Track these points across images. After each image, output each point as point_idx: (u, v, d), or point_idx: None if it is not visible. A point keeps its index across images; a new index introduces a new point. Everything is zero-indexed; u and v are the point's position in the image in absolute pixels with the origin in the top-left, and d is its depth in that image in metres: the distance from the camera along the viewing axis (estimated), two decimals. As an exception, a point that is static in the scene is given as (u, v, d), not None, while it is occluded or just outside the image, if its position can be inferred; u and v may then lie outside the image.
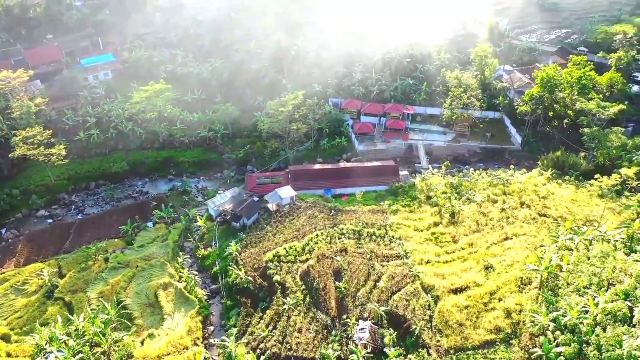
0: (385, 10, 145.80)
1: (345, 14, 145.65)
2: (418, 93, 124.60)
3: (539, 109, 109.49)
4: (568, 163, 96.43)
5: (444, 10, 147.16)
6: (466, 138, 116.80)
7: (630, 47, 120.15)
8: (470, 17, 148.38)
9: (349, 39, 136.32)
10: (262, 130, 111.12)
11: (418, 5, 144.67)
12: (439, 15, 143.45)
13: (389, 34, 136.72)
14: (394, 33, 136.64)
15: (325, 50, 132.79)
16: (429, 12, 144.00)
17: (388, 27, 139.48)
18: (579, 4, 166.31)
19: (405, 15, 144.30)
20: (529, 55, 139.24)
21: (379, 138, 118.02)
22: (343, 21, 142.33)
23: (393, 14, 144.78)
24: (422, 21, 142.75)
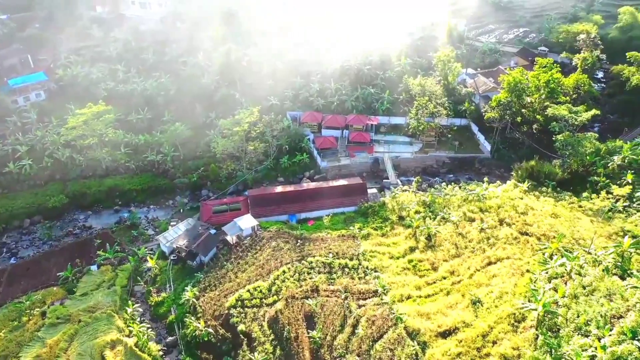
0: (341, 16, 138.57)
1: (300, 21, 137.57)
2: (380, 102, 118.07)
3: (506, 114, 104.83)
4: (543, 172, 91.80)
5: (401, 14, 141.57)
6: (434, 148, 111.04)
7: (594, 47, 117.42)
8: (427, 19, 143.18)
9: (304, 48, 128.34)
10: (216, 151, 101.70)
11: (374, 10, 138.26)
12: (396, 20, 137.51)
13: (346, 40, 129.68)
14: (351, 40, 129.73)
15: (280, 60, 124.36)
16: (386, 17, 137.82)
17: (345, 33, 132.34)
18: (533, 1, 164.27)
19: (362, 20, 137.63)
20: (490, 57, 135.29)
21: (342, 152, 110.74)
22: (297, 29, 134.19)
23: (349, 20, 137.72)
24: (379, 26, 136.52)
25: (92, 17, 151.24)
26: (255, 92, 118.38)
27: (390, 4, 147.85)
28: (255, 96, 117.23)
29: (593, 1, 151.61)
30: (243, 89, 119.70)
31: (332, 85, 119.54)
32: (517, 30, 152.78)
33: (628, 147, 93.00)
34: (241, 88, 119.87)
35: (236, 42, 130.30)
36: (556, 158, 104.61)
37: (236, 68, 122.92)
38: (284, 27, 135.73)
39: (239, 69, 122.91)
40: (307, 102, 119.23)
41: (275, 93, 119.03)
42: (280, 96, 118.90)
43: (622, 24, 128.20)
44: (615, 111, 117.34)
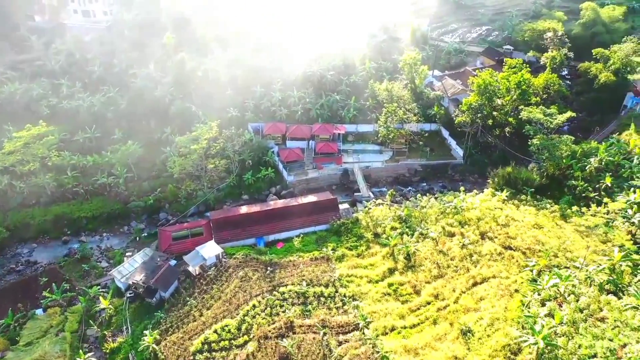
0: (302, 19, 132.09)
1: (258, 26, 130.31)
2: (347, 109, 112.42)
3: (477, 118, 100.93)
4: (521, 179, 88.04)
5: (363, 16, 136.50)
6: (405, 156, 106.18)
7: (561, 45, 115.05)
8: (390, 20, 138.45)
9: (263, 54, 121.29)
10: (173, 171, 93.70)
11: (335, 13, 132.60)
12: (358, 22, 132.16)
13: (307, 45, 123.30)
14: (313, 44, 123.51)
15: (239, 69, 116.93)
16: (348, 19, 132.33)
17: (305, 37, 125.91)
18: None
19: (323, 23, 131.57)
20: (456, 58, 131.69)
21: (309, 165, 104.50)
22: (256, 34, 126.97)
23: (310, 24, 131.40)
24: (341, 29, 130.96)
25: (30, 27, 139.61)
26: (214, 104, 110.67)
27: (352, 5, 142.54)
28: (213, 108, 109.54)
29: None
30: (200, 100, 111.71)
31: (295, 93, 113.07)
32: (480, 29, 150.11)
33: (604, 148, 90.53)
34: (198, 100, 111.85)
35: (191, 51, 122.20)
36: (530, 161, 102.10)
37: (192, 78, 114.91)
38: (241, 32, 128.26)
39: (195, 79, 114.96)
40: (270, 112, 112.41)
41: (235, 104, 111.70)
42: (241, 107, 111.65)
43: (584, 20, 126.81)
44: (583, 109, 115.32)
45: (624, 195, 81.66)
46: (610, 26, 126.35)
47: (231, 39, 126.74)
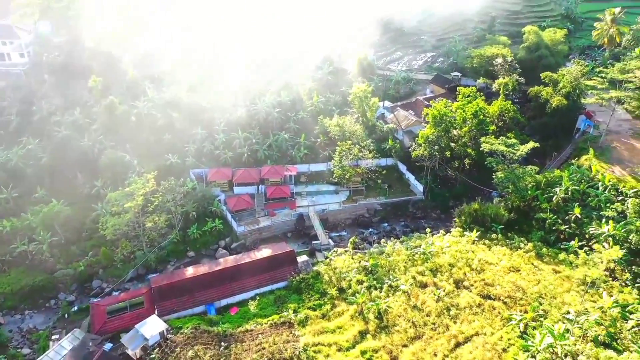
0: (243, 53, 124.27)
1: (195, 62, 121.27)
2: (297, 148, 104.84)
3: (435, 151, 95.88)
4: (489, 215, 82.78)
5: (306, 48, 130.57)
6: (363, 195, 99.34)
7: (511, 71, 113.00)
8: (334, 51, 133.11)
9: (202, 92, 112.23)
10: (105, 233, 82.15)
11: (278, 45, 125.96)
12: (302, 54, 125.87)
13: (250, 81, 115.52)
14: (256, 79, 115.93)
15: (176, 110, 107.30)
16: (291, 51, 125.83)
17: (248, 73, 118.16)
18: (434, 25, 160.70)
19: (266, 57, 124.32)
20: (404, 87, 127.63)
21: (261, 212, 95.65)
22: (192, 71, 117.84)
23: (252, 58, 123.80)
24: (285, 62, 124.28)
25: None
26: (150, 151, 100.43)
27: (295, 37, 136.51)
28: (150, 155, 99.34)
29: (494, 22, 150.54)
30: (134, 148, 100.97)
31: (240, 134, 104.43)
32: (425, 56, 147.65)
33: (567, 176, 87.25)
34: (132, 147, 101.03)
35: (121, 93, 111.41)
36: (492, 192, 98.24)
37: (124, 124, 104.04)
38: (177, 70, 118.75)
39: (127, 124, 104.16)
40: (213, 156, 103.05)
41: (175, 149, 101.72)
42: (181, 152, 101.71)
43: (528, 43, 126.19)
44: (537, 134, 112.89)
45: (595, 226, 78.19)
46: (553, 49, 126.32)
47: (166, 78, 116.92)
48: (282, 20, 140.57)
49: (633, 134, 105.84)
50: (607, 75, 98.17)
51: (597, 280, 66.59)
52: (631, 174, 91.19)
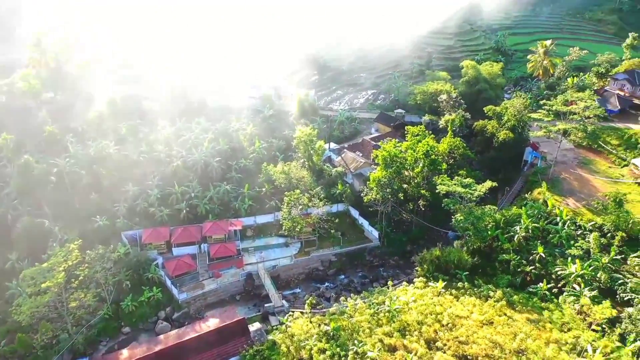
0: (177, 98, 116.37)
1: (120, 110, 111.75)
2: (241, 200, 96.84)
3: (388, 194, 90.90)
4: (452, 262, 77.76)
5: (244, 91, 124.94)
6: (315, 246, 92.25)
7: (457, 107, 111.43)
8: (274, 93, 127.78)
9: (132, 144, 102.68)
10: (19, 319, 69.87)
11: (216, 86, 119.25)
12: (240, 97, 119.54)
13: (185, 128, 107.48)
14: (191, 126, 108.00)
15: (103, 165, 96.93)
16: (229, 95, 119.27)
17: (183, 119, 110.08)
18: (372, 62, 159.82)
19: (202, 101, 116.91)
20: (349, 127, 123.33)
21: (205, 274, 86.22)
22: (120, 121, 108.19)
23: (188, 102, 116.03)
24: (222, 105, 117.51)
25: None
26: (74, 214, 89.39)
27: (232, 79, 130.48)
28: (74, 219, 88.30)
29: (431, 57, 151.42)
30: (55, 212, 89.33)
31: (177, 188, 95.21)
32: (366, 93, 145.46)
33: (525, 213, 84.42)
34: (52, 211, 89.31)
35: (39, 150, 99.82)
36: (448, 232, 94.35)
37: (42, 185, 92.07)
38: (102, 120, 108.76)
39: (47, 186, 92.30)
40: (148, 215, 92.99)
41: (103, 210, 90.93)
42: (110, 213, 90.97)
43: (467, 78, 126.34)
44: (485, 168, 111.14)
45: (561, 265, 75.07)
46: (492, 82, 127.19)
47: (91, 130, 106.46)
48: (217, 61, 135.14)
49: (578, 163, 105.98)
50: (552, 108, 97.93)
51: (571, 326, 62.36)
52: (586, 206, 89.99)
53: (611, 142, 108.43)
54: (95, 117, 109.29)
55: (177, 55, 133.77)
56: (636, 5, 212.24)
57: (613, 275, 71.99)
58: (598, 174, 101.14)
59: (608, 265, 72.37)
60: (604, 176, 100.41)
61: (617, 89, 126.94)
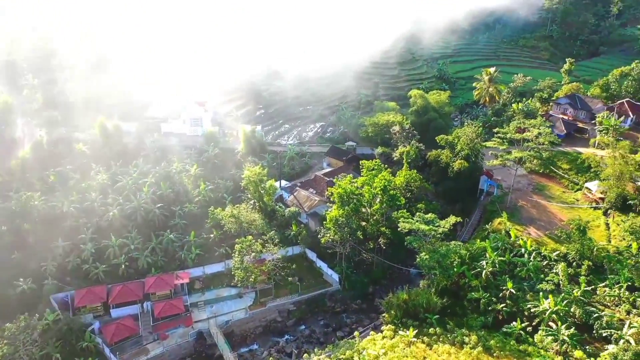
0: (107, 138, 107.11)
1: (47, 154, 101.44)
2: (187, 249, 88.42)
3: (346, 233, 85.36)
4: (421, 305, 72.55)
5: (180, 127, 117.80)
6: (272, 295, 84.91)
7: (410, 138, 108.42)
8: (217, 130, 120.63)
9: (61, 193, 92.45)
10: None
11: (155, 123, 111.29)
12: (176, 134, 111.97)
13: (119, 173, 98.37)
14: (127, 170, 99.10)
15: (26, 219, 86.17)
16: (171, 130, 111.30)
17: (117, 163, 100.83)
18: (319, 93, 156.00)
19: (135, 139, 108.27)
20: (300, 162, 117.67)
21: (149, 337, 76.75)
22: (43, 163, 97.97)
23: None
24: (159, 145, 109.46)
25: None
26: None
27: (170, 112, 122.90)
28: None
29: (377, 87, 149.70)
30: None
31: (114, 241, 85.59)
32: (315, 126, 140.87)
33: (489, 246, 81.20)
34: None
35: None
36: (410, 270, 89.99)
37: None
38: (23, 167, 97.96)
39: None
40: (81, 273, 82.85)
41: (27, 271, 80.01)
42: (37, 274, 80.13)
43: (416, 107, 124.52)
44: (442, 199, 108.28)
45: (532, 301, 71.68)
46: (441, 111, 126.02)
47: (13, 180, 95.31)
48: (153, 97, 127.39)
49: (533, 189, 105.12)
50: (507, 136, 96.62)
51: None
52: (548, 234, 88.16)
53: (562, 167, 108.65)
54: (18, 164, 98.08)
55: (108, 90, 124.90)
56: (564, 33, 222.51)
57: (587, 308, 69.31)
58: (554, 200, 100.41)
59: (580, 299, 69.59)
60: (559, 201, 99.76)
61: (561, 113, 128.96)
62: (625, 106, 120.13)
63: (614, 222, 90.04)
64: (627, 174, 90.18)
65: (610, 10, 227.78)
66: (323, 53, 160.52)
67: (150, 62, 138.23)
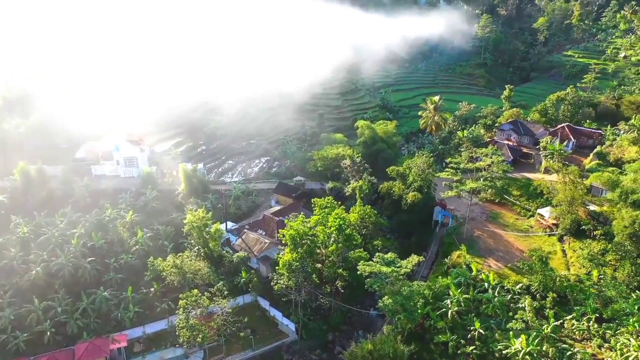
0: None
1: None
2: (124, 307, 78.83)
3: (301, 278, 79.11)
4: (388, 356, 66.86)
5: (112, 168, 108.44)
6: (223, 354, 76.71)
7: (362, 171, 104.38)
8: (153, 169, 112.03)
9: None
10: None
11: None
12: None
13: (43, 223, 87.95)
14: (53, 219, 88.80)
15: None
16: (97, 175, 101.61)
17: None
18: (263, 127, 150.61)
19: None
20: (246, 201, 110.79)
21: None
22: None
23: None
24: (90, 189, 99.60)
25: None
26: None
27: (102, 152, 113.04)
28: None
29: (322, 119, 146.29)
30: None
31: (38, 304, 74.98)
32: (260, 161, 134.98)
33: (451, 282, 77.50)
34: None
35: None
36: (370, 312, 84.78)
37: None
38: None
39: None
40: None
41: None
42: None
43: (364, 138, 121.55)
44: (396, 232, 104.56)
45: (502, 340, 67.89)
46: (389, 141, 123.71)
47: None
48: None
49: (487, 218, 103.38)
50: (460, 166, 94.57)
51: None
52: (508, 265, 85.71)
53: (513, 193, 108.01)
54: None
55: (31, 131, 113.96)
56: (497, 60, 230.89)
57: (558, 345, 66.26)
58: (508, 228, 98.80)
59: (551, 335, 66.56)
60: (514, 229, 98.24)
61: (505, 138, 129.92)
62: (566, 130, 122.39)
63: (570, 248, 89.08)
64: (579, 199, 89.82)
65: (537, 38, 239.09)
66: (263, 85, 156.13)
67: (78, 99, 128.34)
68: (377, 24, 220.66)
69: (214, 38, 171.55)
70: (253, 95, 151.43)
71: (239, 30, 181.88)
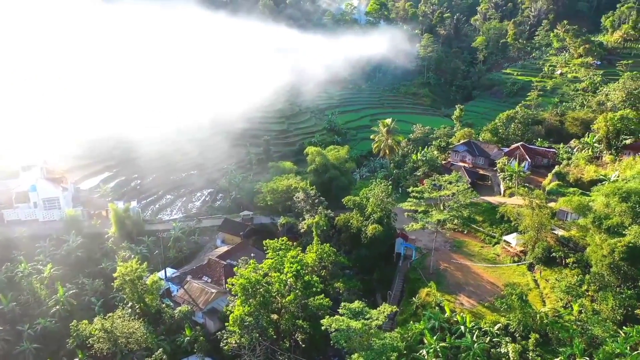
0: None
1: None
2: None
3: (255, 334, 68.53)
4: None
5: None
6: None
7: (317, 205, 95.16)
8: (78, 210, 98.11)
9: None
10: None
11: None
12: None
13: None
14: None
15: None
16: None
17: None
18: (204, 154, 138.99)
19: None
20: (188, 243, 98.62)
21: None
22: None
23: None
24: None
25: None
26: None
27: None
28: None
29: (268, 145, 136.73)
30: None
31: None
32: (202, 194, 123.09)
33: (424, 328, 69.39)
34: None
35: None
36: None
37: None
38: None
39: None
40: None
41: None
42: None
43: (315, 166, 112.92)
44: (356, 268, 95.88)
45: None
46: (341, 167, 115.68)
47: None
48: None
49: (451, 247, 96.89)
50: (424, 195, 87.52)
51: None
52: (481, 303, 78.69)
53: (475, 219, 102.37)
54: None
55: None
56: (440, 79, 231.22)
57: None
58: (475, 258, 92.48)
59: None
60: (481, 259, 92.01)
61: (460, 160, 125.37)
62: (521, 150, 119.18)
63: (542, 278, 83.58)
64: (547, 225, 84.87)
65: (477, 57, 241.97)
66: (199, 111, 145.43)
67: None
68: (318, 45, 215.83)
69: (144, 64, 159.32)
70: (189, 122, 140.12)
71: (168, 56, 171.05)
